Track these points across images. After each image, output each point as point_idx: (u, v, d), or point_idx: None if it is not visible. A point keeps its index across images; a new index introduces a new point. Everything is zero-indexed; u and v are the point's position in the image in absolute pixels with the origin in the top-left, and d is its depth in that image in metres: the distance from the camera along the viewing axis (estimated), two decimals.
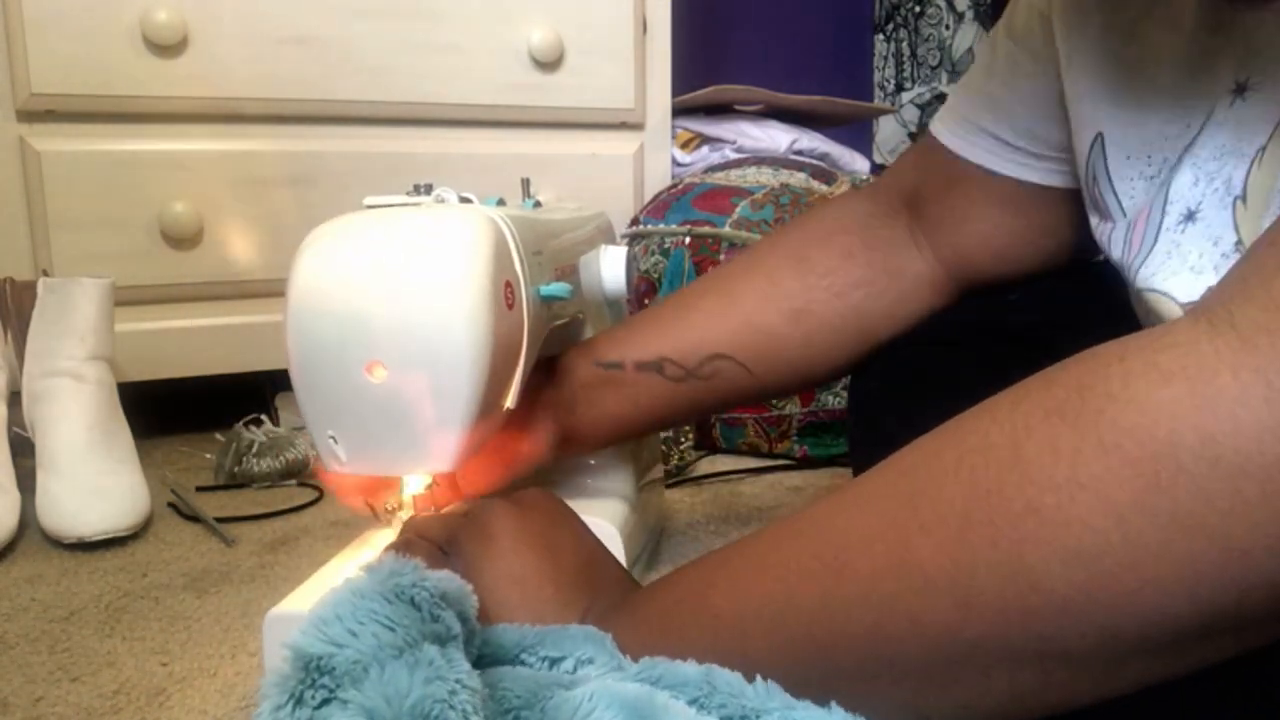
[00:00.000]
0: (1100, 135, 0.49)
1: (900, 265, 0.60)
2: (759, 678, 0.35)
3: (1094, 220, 0.52)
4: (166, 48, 1.03)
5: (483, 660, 0.39)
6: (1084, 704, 0.31)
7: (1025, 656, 0.29)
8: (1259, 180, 0.40)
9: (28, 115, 1.00)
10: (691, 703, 0.34)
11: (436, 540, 0.45)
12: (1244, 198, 0.41)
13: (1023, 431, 0.29)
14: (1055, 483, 0.28)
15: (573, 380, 0.61)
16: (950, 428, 0.33)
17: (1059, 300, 0.60)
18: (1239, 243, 0.41)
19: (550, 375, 0.61)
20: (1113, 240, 0.49)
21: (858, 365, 0.62)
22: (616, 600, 0.44)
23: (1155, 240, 0.45)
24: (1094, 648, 0.28)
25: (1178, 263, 0.44)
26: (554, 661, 0.39)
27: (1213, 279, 0.30)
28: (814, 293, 0.60)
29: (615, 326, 0.66)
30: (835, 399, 1.04)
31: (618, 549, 0.62)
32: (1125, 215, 0.48)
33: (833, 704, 0.33)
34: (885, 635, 0.31)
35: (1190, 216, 0.43)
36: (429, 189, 0.55)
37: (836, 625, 0.33)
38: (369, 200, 0.53)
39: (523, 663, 0.39)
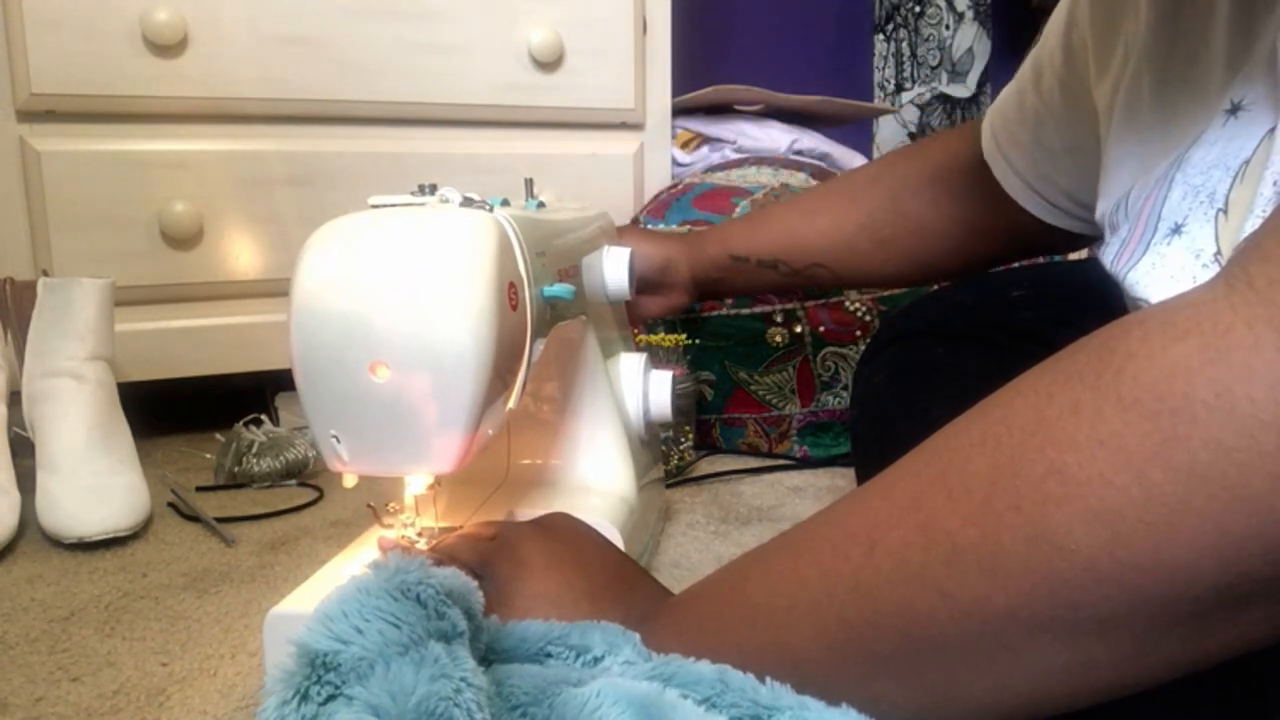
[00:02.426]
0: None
1: (972, 219, 0.73)
2: (768, 679, 0.35)
3: (1108, 235, 0.53)
4: (166, 48, 1.03)
5: (506, 655, 0.39)
6: (1122, 690, 0.30)
7: (1057, 628, 0.29)
8: (1240, 195, 0.40)
9: (28, 115, 1.00)
10: (703, 701, 0.34)
11: (468, 564, 0.45)
12: (1225, 210, 0.41)
13: (1045, 399, 0.30)
14: (1076, 442, 0.28)
15: (710, 262, 0.82)
16: (977, 408, 0.33)
17: (1062, 296, 0.61)
18: (1218, 254, 0.41)
19: (690, 249, 0.82)
20: (1104, 253, 0.50)
21: (916, 283, 0.85)
22: (651, 609, 0.44)
23: (1144, 253, 0.46)
24: (1124, 615, 0.28)
25: (1160, 272, 0.44)
26: (580, 652, 0.39)
27: (1189, 287, 0.31)
28: (899, 230, 0.76)
29: (744, 219, 0.89)
30: (835, 399, 1.04)
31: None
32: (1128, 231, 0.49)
33: (844, 705, 0.33)
34: (917, 611, 0.31)
35: (1177, 230, 0.44)
36: (433, 189, 0.55)
37: (870, 605, 0.33)
38: (373, 200, 0.53)
39: (549, 654, 0.39)
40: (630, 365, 0.73)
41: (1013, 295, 0.65)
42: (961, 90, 2.09)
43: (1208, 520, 0.26)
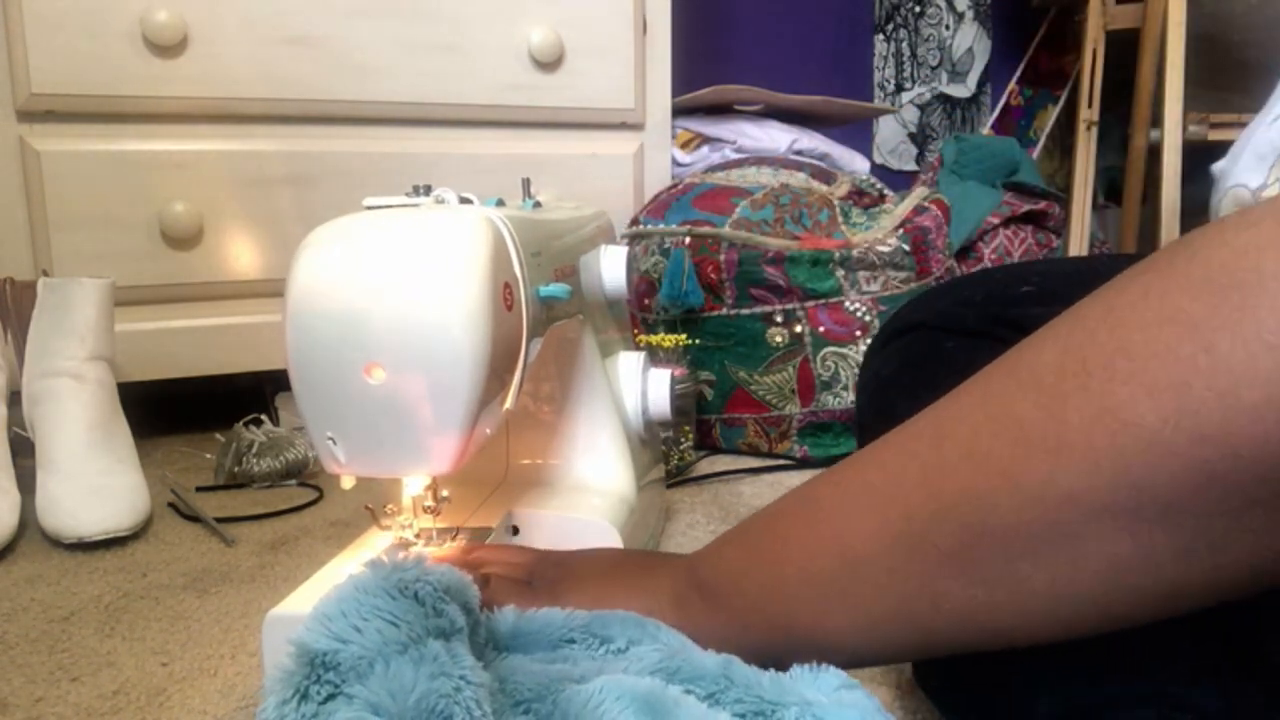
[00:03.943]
0: None
1: None
2: (772, 670, 0.35)
3: None
4: (166, 48, 1.03)
5: (529, 641, 0.40)
6: (1189, 598, 0.30)
7: (1118, 511, 0.29)
8: None
9: (28, 115, 1.00)
10: (707, 697, 0.34)
11: (514, 575, 0.48)
12: None
13: (1116, 292, 0.30)
14: (1144, 321, 0.28)
15: None
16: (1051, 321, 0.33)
17: (1076, 292, 0.60)
18: None
19: None
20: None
21: None
22: (704, 551, 0.45)
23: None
24: (1188, 496, 0.28)
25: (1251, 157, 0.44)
26: (603, 640, 0.39)
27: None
28: None
29: None
30: (835, 399, 1.04)
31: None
32: None
33: (843, 697, 0.33)
34: (980, 495, 0.31)
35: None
36: (428, 190, 0.55)
37: (934, 496, 0.33)
38: (368, 201, 0.53)
39: (572, 641, 0.40)
40: (629, 364, 0.73)
41: (1022, 290, 0.65)
42: (961, 90, 2.09)
43: (1274, 387, 0.26)
